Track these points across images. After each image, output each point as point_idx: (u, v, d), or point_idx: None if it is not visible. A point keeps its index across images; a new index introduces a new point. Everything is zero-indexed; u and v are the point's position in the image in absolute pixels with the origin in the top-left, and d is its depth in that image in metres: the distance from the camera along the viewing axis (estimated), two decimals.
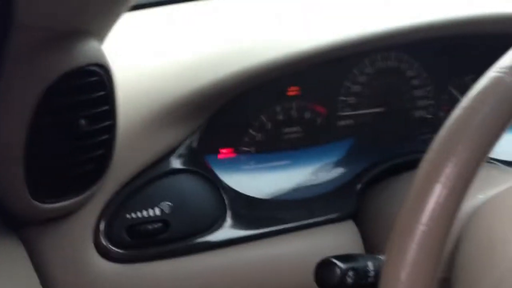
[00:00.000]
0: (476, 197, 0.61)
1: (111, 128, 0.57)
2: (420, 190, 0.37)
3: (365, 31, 0.70)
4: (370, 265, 0.58)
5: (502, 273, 0.48)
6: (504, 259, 0.49)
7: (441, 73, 0.81)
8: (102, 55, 0.54)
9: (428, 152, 0.38)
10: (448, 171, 0.37)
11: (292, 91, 0.75)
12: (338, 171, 0.77)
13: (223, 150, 0.73)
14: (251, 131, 0.74)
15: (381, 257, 0.58)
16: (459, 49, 0.80)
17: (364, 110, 0.79)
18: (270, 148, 0.75)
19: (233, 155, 0.74)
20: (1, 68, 0.47)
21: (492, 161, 0.79)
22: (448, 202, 0.37)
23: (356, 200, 0.74)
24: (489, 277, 0.49)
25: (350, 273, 0.56)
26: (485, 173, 0.68)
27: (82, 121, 0.52)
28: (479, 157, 0.37)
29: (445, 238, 0.37)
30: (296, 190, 0.75)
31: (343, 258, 0.57)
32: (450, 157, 0.37)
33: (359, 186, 0.75)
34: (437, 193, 0.37)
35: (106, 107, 0.55)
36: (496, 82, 0.37)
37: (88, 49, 0.50)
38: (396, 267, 0.37)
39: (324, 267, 0.56)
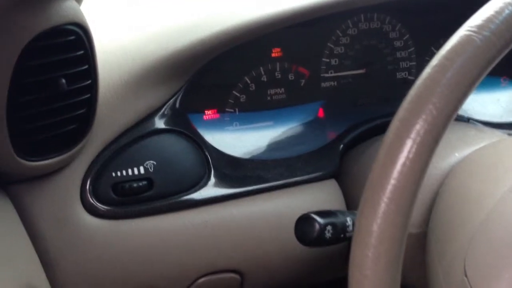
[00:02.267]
0: (453, 156, 0.63)
1: (92, 87, 0.57)
2: (391, 146, 0.38)
3: None
4: (349, 220, 0.59)
5: (476, 226, 0.49)
6: (478, 214, 0.50)
7: (423, 34, 0.81)
8: (80, 15, 0.53)
9: (399, 109, 0.39)
10: (418, 128, 0.37)
11: (276, 52, 0.76)
12: (321, 131, 0.78)
13: (208, 111, 0.74)
14: (235, 92, 0.75)
15: None
16: (441, 10, 0.80)
17: (346, 72, 0.79)
18: (253, 109, 0.76)
19: (217, 116, 0.75)
20: None
21: (471, 121, 0.81)
22: (417, 158, 0.38)
23: (338, 160, 0.75)
24: (463, 230, 0.51)
25: (329, 228, 0.57)
26: (463, 132, 0.69)
27: (62, 80, 0.52)
28: (448, 114, 0.38)
29: (415, 192, 0.39)
30: (279, 149, 0.76)
31: (322, 213, 0.58)
32: (420, 114, 0.37)
33: (341, 146, 0.76)
34: (407, 148, 0.38)
35: (85, 66, 0.55)
36: (465, 41, 0.38)
37: (64, 8, 0.50)
38: (368, 219, 0.39)
39: (303, 222, 0.57)
